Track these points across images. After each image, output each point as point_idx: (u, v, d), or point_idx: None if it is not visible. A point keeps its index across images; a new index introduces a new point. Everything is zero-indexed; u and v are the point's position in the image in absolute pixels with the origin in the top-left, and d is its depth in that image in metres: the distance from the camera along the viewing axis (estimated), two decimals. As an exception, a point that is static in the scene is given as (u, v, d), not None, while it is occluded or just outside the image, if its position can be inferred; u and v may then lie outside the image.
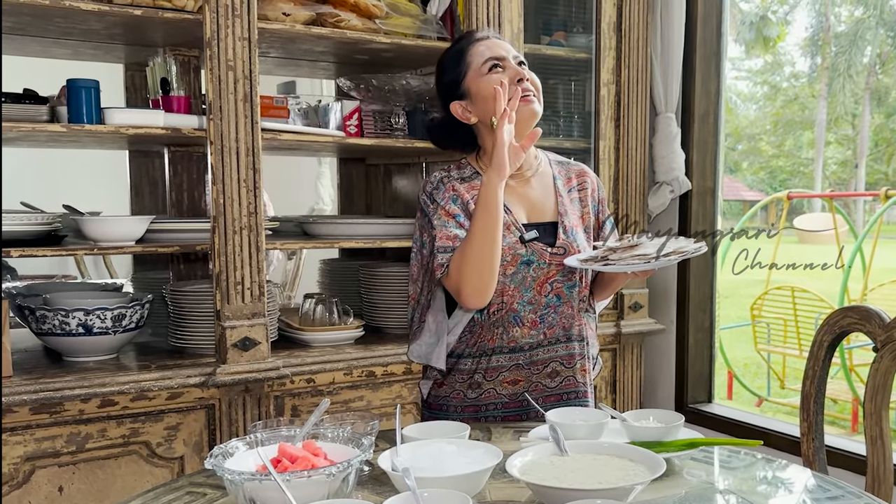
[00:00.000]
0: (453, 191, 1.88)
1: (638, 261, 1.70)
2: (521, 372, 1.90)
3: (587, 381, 1.97)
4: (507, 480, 1.44)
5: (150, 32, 2.39)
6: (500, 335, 1.88)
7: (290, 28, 2.36)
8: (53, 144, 2.62)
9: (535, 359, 1.90)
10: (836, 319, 1.87)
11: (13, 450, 2.02)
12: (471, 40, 1.90)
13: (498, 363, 1.89)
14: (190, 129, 2.27)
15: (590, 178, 2.00)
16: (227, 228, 2.25)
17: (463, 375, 1.91)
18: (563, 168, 1.99)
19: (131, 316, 2.29)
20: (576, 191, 1.97)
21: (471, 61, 1.86)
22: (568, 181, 1.97)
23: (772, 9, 16.97)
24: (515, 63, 1.85)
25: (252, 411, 2.29)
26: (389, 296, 2.75)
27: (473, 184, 1.89)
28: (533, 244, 1.86)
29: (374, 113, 2.71)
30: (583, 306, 1.94)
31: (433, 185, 1.91)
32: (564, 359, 1.92)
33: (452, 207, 1.86)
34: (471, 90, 1.86)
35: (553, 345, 1.90)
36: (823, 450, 1.89)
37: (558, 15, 3.14)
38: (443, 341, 1.91)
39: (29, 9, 2.05)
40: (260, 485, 1.26)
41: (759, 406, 6.17)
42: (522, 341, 1.88)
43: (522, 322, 1.88)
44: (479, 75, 1.84)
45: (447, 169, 1.94)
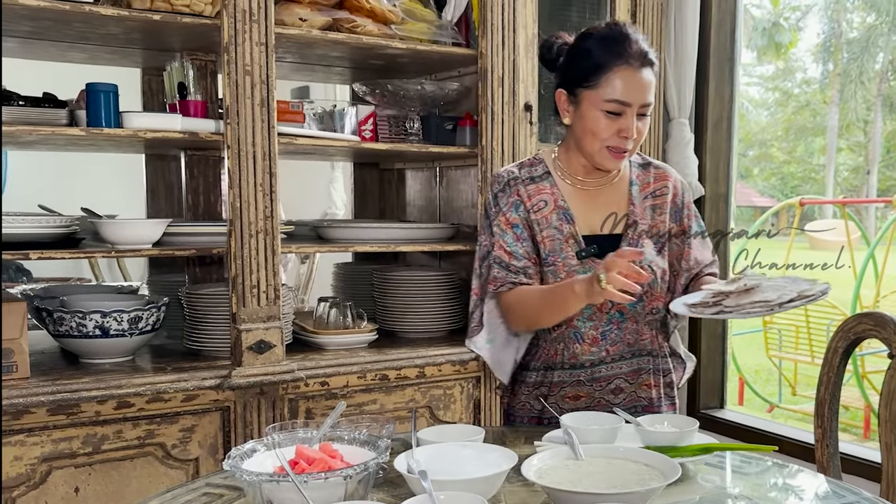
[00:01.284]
0: (518, 195, 1.85)
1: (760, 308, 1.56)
2: (582, 388, 1.87)
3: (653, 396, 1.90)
4: (522, 484, 1.45)
5: (167, 37, 2.41)
6: (561, 351, 1.87)
7: (307, 33, 2.37)
8: (72, 148, 2.64)
9: (598, 376, 1.87)
10: (851, 326, 1.88)
11: (30, 450, 2.03)
12: (620, 59, 1.76)
13: (560, 378, 1.88)
14: (207, 133, 2.29)
15: (670, 183, 1.93)
16: (243, 232, 2.26)
17: (529, 388, 1.92)
18: (643, 172, 1.93)
19: (147, 318, 2.31)
20: (652, 197, 1.90)
21: (604, 82, 1.76)
22: (645, 186, 1.91)
23: (784, 15, 16.94)
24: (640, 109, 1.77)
25: (266, 414, 2.30)
26: (403, 300, 2.76)
27: (541, 186, 1.86)
28: (590, 260, 1.81)
29: (388, 118, 2.72)
30: (652, 319, 1.89)
31: (500, 185, 1.89)
32: (629, 375, 1.88)
33: (513, 216, 1.84)
34: (581, 104, 1.80)
35: (616, 361, 1.87)
36: (838, 456, 1.89)
37: (572, 21, 3.15)
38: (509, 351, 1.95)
39: (50, 13, 2.07)
40: (278, 486, 1.27)
41: (770, 412, 6.15)
42: (583, 358, 1.86)
43: (583, 339, 1.85)
44: (596, 105, 1.77)
45: (518, 166, 1.90)
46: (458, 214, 2.90)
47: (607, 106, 1.76)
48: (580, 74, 1.81)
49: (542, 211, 1.86)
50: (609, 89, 1.76)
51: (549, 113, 3.05)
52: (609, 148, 1.79)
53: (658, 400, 1.92)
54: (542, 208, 1.86)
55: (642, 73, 1.77)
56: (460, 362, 2.60)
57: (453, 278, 2.81)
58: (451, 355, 2.59)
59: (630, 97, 1.76)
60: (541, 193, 1.85)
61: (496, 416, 2.67)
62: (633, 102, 1.76)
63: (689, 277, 1.92)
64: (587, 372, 1.86)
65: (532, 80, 2.72)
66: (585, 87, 1.79)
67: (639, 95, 1.76)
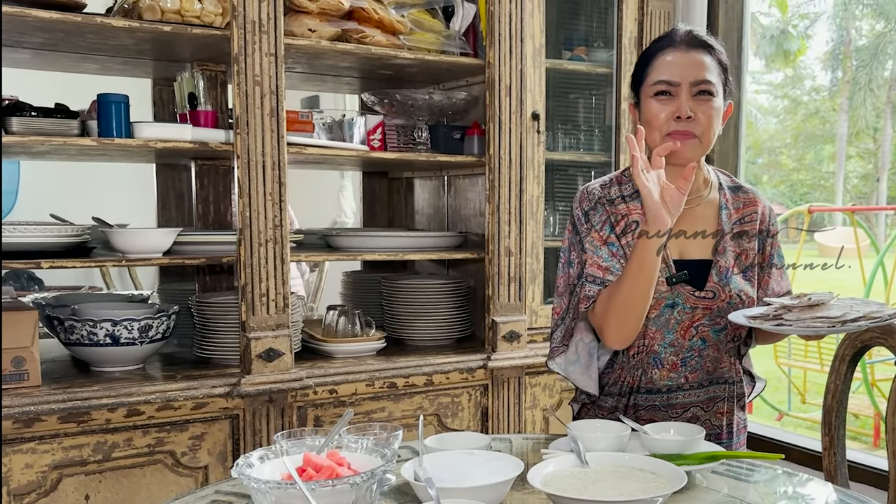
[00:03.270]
0: (608, 213, 1.78)
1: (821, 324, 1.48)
2: (657, 413, 1.81)
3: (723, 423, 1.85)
4: (528, 491, 1.45)
5: (178, 48, 2.43)
6: (639, 376, 1.81)
7: (316, 44, 2.39)
8: (83, 158, 2.66)
9: (674, 402, 1.81)
10: (858, 334, 1.88)
11: (41, 458, 2.05)
12: (664, 45, 1.73)
13: (635, 402, 1.82)
14: (217, 144, 2.31)
15: (759, 210, 1.84)
16: (252, 241, 2.28)
17: (604, 411, 1.86)
18: (733, 196, 1.85)
19: (158, 327, 2.33)
20: (740, 224, 1.82)
21: (650, 72, 1.72)
22: (735, 211, 1.83)
23: (792, 23, 16.93)
24: (693, 88, 1.68)
25: (275, 421, 2.31)
26: (411, 307, 2.77)
27: (632, 206, 1.77)
28: (680, 286, 1.75)
29: (397, 127, 2.74)
30: (733, 347, 1.83)
31: (590, 203, 1.81)
32: (704, 403, 1.83)
33: (606, 233, 1.77)
34: (641, 105, 1.76)
35: (694, 389, 1.81)
36: (845, 464, 1.89)
37: (580, 30, 3.17)
38: (593, 366, 1.85)
39: (62, 25, 2.09)
40: (285, 493, 1.28)
41: (779, 420, 6.13)
42: (661, 383, 1.80)
43: (662, 364, 1.80)
44: (648, 95, 1.72)
45: (607, 185, 1.83)
46: (465, 223, 2.92)
47: (655, 88, 1.70)
48: (636, 76, 1.78)
49: (633, 232, 1.76)
50: (655, 73, 1.71)
51: (557, 122, 3.08)
52: (670, 135, 1.69)
53: (729, 427, 1.86)
54: (634, 229, 1.77)
55: (691, 53, 1.69)
56: (468, 370, 2.61)
57: (461, 286, 2.82)
58: (458, 363, 2.60)
59: (675, 75, 1.68)
60: (632, 214, 1.77)
61: (504, 424, 2.68)
62: (680, 80, 1.68)
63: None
64: (663, 397, 1.81)
65: (540, 90, 2.73)
66: (640, 83, 1.76)
67: (687, 72, 1.68)
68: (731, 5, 3.20)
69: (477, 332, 2.84)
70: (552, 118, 3.03)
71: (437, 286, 2.78)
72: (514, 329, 2.69)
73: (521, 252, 2.71)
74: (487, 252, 2.69)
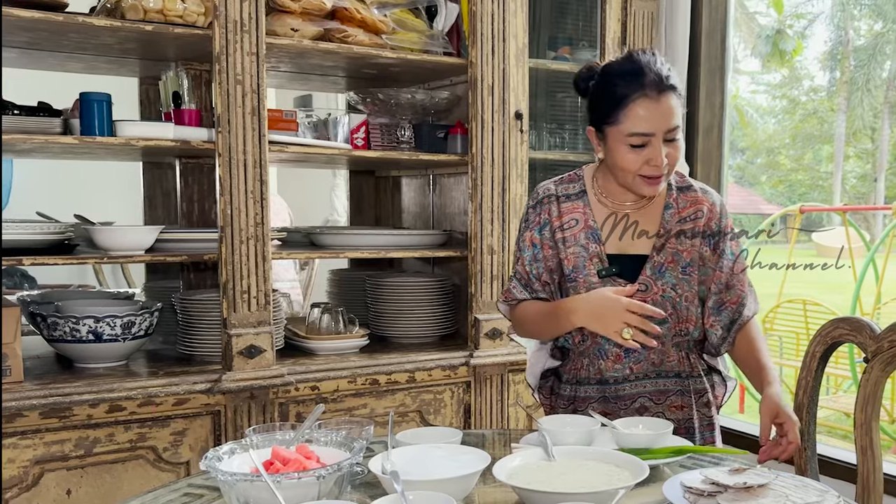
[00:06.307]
0: (548, 214, 1.91)
1: None
2: (608, 405, 1.87)
3: (680, 417, 1.88)
4: (497, 485, 1.47)
5: (162, 47, 2.45)
6: (587, 366, 1.89)
7: (298, 43, 2.41)
8: (67, 156, 2.68)
9: (622, 393, 1.87)
10: (829, 330, 1.90)
11: (23, 453, 2.07)
12: (635, 90, 1.76)
13: (587, 394, 1.89)
14: (199, 142, 2.32)
15: (704, 209, 1.90)
16: (233, 238, 2.30)
17: (564, 401, 1.94)
18: (681, 195, 1.92)
19: (140, 323, 2.35)
20: (682, 223, 1.89)
21: (624, 118, 1.77)
22: (680, 211, 1.90)
23: (788, 23, 16.95)
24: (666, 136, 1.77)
25: (257, 418, 2.33)
26: (394, 305, 2.79)
27: (575, 205, 1.90)
28: (612, 279, 1.83)
29: (381, 126, 2.76)
30: (681, 341, 1.88)
31: (535, 199, 1.94)
32: (653, 395, 1.87)
33: (536, 235, 1.91)
34: (608, 140, 1.82)
35: (640, 380, 1.87)
36: (815, 458, 1.91)
37: (564, 31, 3.18)
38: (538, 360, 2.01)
39: (45, 24, 2.11)
40: (252, 486, 1.30)
41: (771, 420, 6.14)
42: (608, 374, 1.87)
43: (606, 355, 1.87)
44: (621, 140, 1.78)
45: (557, 182, 1.95)
46: (450, 221, 2.93)
47: (631, 140, 1.77)
48: (603, 112, 1.83)
49: (572, 229, 1.89)
50: (629, 123, 1.77)
51: (541, 121, 3.10)
52: (642, 177, 1.80)
53: (690, 422, 1.89)
54: (572, 226, 1.89)
55: (661, 101, 1.76)
56: (451, 367, 2.63)
57: (445, 284, 2.84)
58: (441, 360, 2.62)
59: (651, 127, 1.76)
60: (573, 212, 1.90)
61: (487, 421, 2.70)
62: (655, 131, 1.76)
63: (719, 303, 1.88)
64: (612, 388, 1.87)
65: (523, 89, 2.75)
66: (609, 123, 1.80)
67: (660, 123, 1.76)
68: (714, 6, 3.21)
69: (461, 329, 2.86)
70: (537, 117, 3.04)
71: (421, 284, 2.80)
72: (496, 326, 2.70)
73: (503, 250, 2.73)
74: (470, 250, 2.70)
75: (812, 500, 1.33)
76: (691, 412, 1.89)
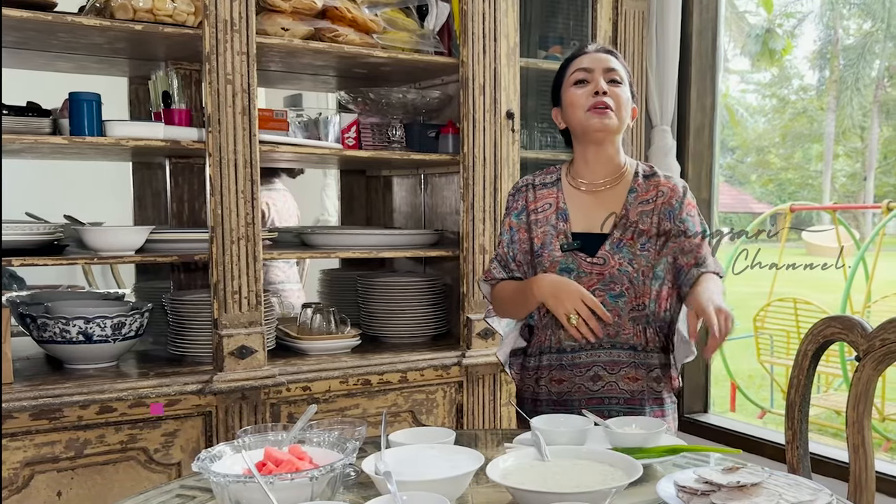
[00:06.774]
0: (525, 200, 2.07)
1: None
2: (564, 372, 1.98)
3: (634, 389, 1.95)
4: (491, 485, 1.47)
5: (152, 47, 2.44)
6: (549, 336, 2.01)
7: (289, 43, 2.40)
8: (57, 156, 2.67)
9: (577, 361, 1.98)
10: (820, 329, 1.90)
11: (13, 455, 2.06)
12: (577, 54, 2.04)
13: (547, 362, 2.01)
14: (189, 142, 2.31)
15: (664, 188, 2.01)
16: (224, 239, 2.29)
17: (529, 372, 2.06)
18: (645, 182, 2.03)
19: (131, 324, 2.34)
20: (643, 204, 2.00)
21: (568, 72, 2.01)
22: (643, 194, 2.01)
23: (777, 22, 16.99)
24: (605, 75, 1.96)
25: (248, 418, 2.32)
26: (386, 305, 2.79)
27: (549, 191, 2.06)
28: (574, 254, 1.96)
29: (372, 126, 2.75)
30: (637, 315, 1.96)
31: (515, 189, 2.12)
32: (607, 365, 1.96)
33: (513, 220, 2.07)
34: (563, 99, 2.03)
35: (595, 350, 1.96)
36: (808, 457, 1.91)
37: (556, 30, 3.18)
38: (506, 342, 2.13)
39: (33, 24, 2.10)
40: (244, 487, 1.30)
41: (761, 418, 6.16)
42: (566, 343, 1.98)
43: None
44: (568, 87, 2.00)
45: (537, 174, 2.12)
46: (442, 221, 2.93)
47: (574, 77, 1.98)
48: (555, 85, 2.07)
49: (545, 212, 2.04)
50: (571, 70, 2.01)
51: (533, 121, 3.09)
52: (591, 110, 1.95)
53: (640, 394, 1.96)
54: (545, 209, 2.04)
55: (599, 54, 2.01)
56: (443, 367, 2.62)
57: (437, 284, 2.83)
58: (433, 360, 2.61)
59: (589, 64, 1.97)
60: (547, 197, 2.05)
61: (479, 421, 2.70)
62: (593, 67, 1.96)
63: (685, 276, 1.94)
64: (569, 357, 1.98)
65: (514, 88, 2.75)
66: (562, 89, 2.03)
67: (598, 64, 1.97)
68: (705, 5, 3.22)
69: (453, 329, 2.85)
70: (528, 117, 3.04)
71: (413, 284, 2.80)
72: (488, 326, 2.70)
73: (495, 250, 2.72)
74: (462, 250, 2.70)
75: (805, 499, 1.35)
76: (643, 385, 1.96)
